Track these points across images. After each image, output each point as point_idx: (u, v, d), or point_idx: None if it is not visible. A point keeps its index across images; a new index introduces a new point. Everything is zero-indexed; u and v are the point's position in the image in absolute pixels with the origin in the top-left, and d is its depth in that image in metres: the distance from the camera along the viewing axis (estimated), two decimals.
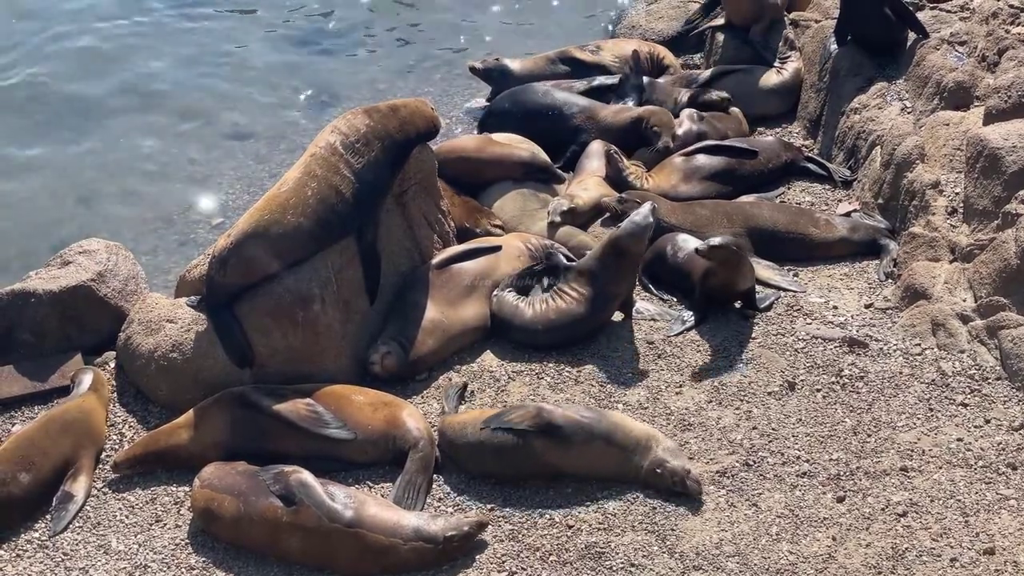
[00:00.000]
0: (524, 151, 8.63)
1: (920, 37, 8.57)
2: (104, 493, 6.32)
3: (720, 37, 10.09)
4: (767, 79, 9.53)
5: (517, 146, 8.68)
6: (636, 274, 7.31)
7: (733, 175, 8.51)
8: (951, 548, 5.51)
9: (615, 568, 5.57)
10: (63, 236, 8.85)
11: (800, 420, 6.38)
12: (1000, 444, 6.07)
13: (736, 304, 7.25)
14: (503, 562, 5.66)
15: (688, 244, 7.37)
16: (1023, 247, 6.59)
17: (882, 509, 5.76)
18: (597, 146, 8.69)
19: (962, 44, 8.34)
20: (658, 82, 9.60)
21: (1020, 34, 8.01)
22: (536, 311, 7.04)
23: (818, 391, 6.57)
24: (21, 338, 7.06)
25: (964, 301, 6.87)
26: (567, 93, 9.28)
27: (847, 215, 8.06)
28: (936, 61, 8.28)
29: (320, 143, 6.95)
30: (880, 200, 8.03)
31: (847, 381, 6.62)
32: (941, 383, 6.53)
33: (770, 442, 6.24)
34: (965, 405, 6.36)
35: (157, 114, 10.77)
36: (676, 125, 8.90)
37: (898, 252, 7.57)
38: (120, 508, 6.21)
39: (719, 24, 10.22)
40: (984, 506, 5.72)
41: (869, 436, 6.23)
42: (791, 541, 5.64)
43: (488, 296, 7.23)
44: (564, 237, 7.84)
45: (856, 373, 6.67)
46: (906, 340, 6.88)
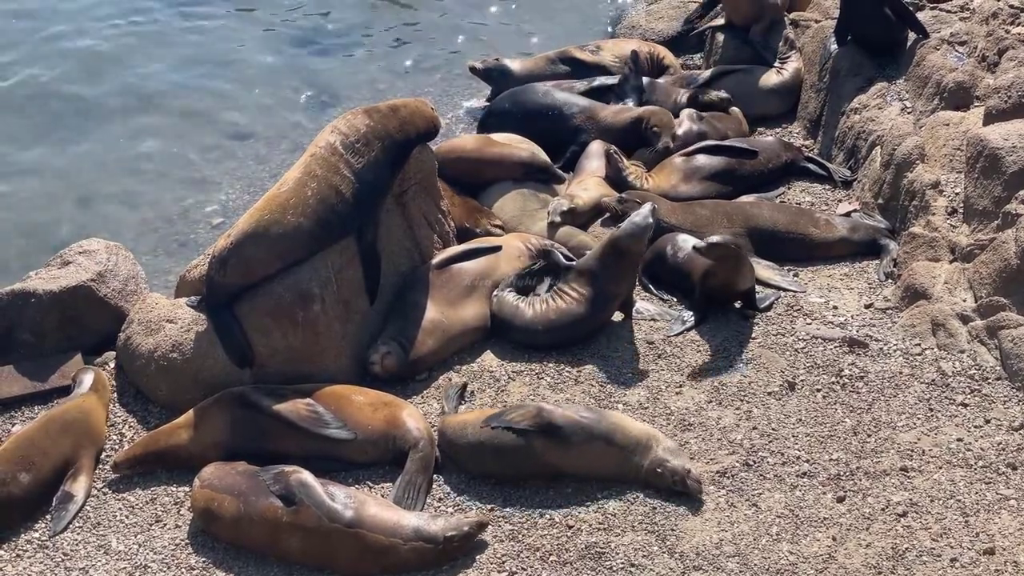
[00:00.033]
0: (524, 151, 8.62)
1: (920, 37, 8.57)
2: (104, 493, 6.31)
3: (720, 37, 10.08)
4: (767, 79, 9.52)
5: (517, 146, 8.67)
6: (636, 274, 7.31)
7: (733, 175, 8.51)
8: (951, 548, 5.51)
9: (615, 568, 5.57)
10: (63, 236, 8.85)
11: (800, 420, 6.37)
12: (1000, 444, 6.07)
13: (736, 304, 7.25)
14: (503, 562, 5.66)
15: (688, 244, 7.36)
16: (1023, 247, 6.59)
17: (882, 509, 5.76)
18: (597, 146, 8.68)
19: (962, 44, 8.33)
20: (658, 82, 9.59)
21: (1020, 34, 8.01)
22: (536, 311, 7.04)
23: (818, 391, 6.57)
24: (21, 338, 7.06)
25: (964, 301, 6.87)
26: (567, 93, 9.26)
27: (847, 215, 8.06)
28: (936, 61, 8.28)
29: (320, 143, 6.95)
30: (880, 200, 8.03)
31: (847, 381, 6.62)
32: (941, 383, 6.53)
33: (770, 442, 6.24)
34: (965, 405, 6.36)
35: (157, 114, 10.75)
36: (676, 125, 8.89)
37: (898, 252, 7.57)
38: (120, 508, 6.21)
39: (719, 24, 10.21)
40: (984, 506, 5.71)
41: (869, 436, 6.23)
42: (791, 541, 5.63)
43: (488, 296, 7.23)
44: (564, 237, 7.83)
45: (856, 373, 6.67)
46: (906, 340, 6.88)
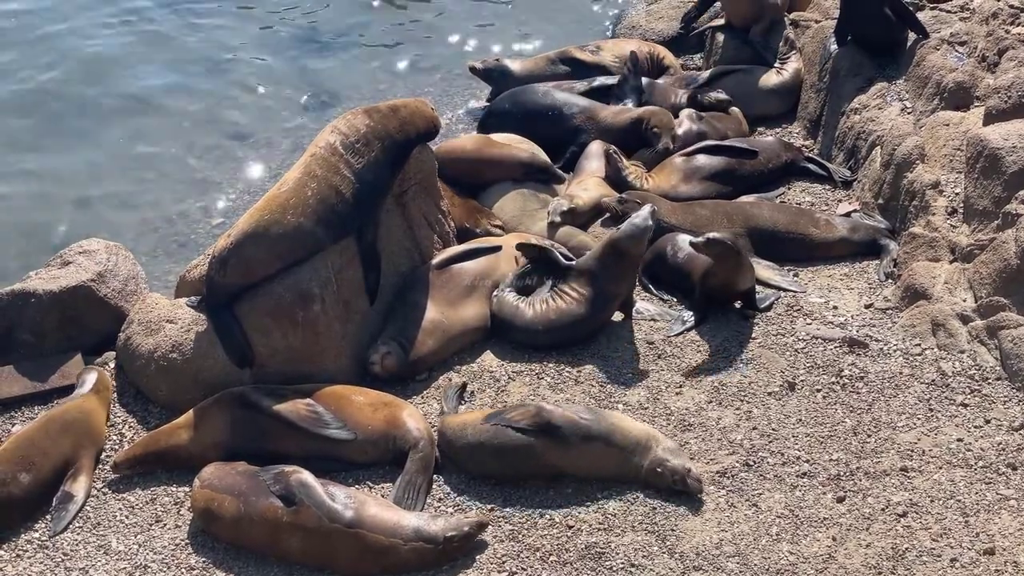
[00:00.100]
0: (524, 151, 8.62)
1: (920, 37, 8.57)
2: (104, 493, 6.31)
3: (720, 37, 10.08)
4: (767, 79, 9.52)
5: (517, 146, 8.67)
6: (636, 274, 7.31)
7: (733, 175, 8.51)
8: (951, 548, 5.51)
9: (615, 568, 5.57)
10: (63, 236, 8.85)
11: (800, 420, 6.37)
12: (1000, 444, 6.07)
13: (736, 304, 7.25)
14: (503, 562, 5.66)
15: (688, 244, 7.37)
16: (1023, 247, 6.59)
17: (882, 509, 5.76)
18: (596, 146, 8.68)
19: (962, 44, 8.33)
20: (658, 83, 9.59)
21: (1020, 34, 8.00)
22: (536, 311, 7.04)
23: (818, 391, 6.57)
24: (21, 338, 7.05)
25: (964, 301, 6.87)
26: (567, 94, 9.26)
27: (847, 215, 8.06)
28: (936, 61, 8.28)
29: (320, 143, 6.95)
30: (880, 200, 8.03)
31: (847, 381, 6.61)
32: (941, 383, 6.52)
33: (770, 442, 6.24)
34: (965, 405, 6.36)
35: (156, 115, 10.75)
36: (676, 125, 8.89)
37: (898, 252, 7.56)
38: (120, 508, 6.21)
39: (719, 24, 10.21)
40: (984, 506, 5.71)
41: (869, 436, 6.22)
42: (791, 541, 5.63)
43: (488, 296, 7.23)
44: (564, 237, 7.83)
45: (856, 373, 6.66)
46: (906, 340, 6.88)
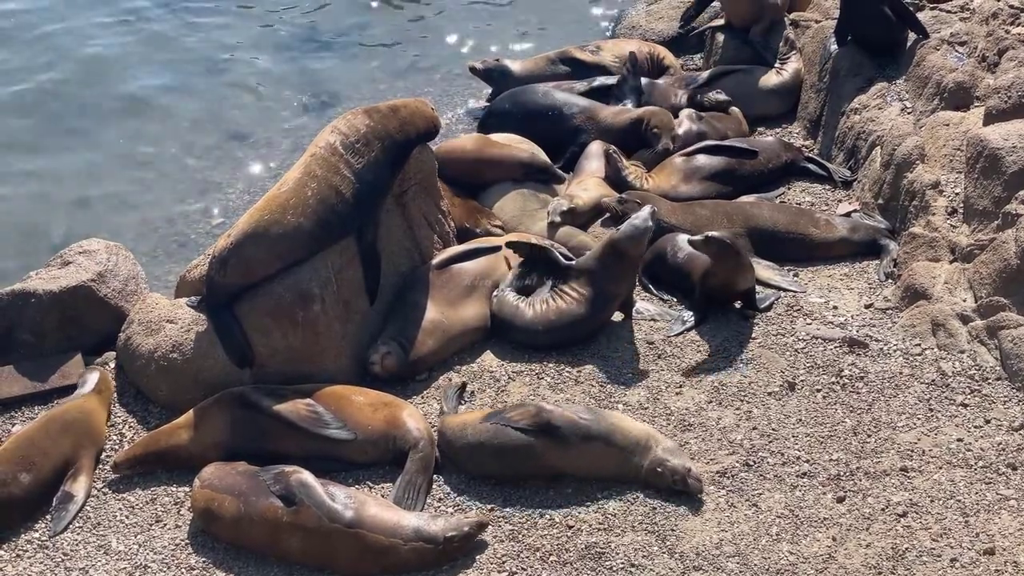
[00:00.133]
0: (524, 151, 8.62)
1: (920, 37, 8.57)
2: (104, 493, 6.31)
3: (720, 37, 10.08)
4: (767, 79, 9.52)
5: (517, 146, 8.67)
6: (636, 275, 7.31)
7: (733, 175, 8.51)
8: (951, 548, 5.51)
9: (615, 568, 5.57)
10: (63, 236, 8.84)
11: (800, 420, 6.37)
12: (1000, 444, 6.07)
13: (736, 304, 7.25)
14: (503, 562, 5.66)
15: (688, 245, 7.36)
16: (1023, 247, 6.59)
17: (882, 509, 5.76)
18: (596, 147, 8.68)
19: (962, 44, 8.33)
20: (657, 83, 9.59)
21: (1020, 34, 8.00)
22: (536, 311, 7.04)
23: (818, 391, 6.57)
24: (21, 338, 7.05)
25: (964, 301, 6.87)
26: (567, 94, 9.26)
27: (847, 215, 8.06)
28: (936, 61, 8.27)
29: (320, 143, 6.95)
30: (880, 200, 8.02)
31: (847, 381, 6.61)
32: (941, 383, 6.53)
33: (770, 442, 6.24)
34: (965, 405, 6.36)
35: (156, 115, 10.75)
36: (676, 126, 8.89)
37: (898, 252, 7.56)
38: (120, 508, 6.21)
39: (719, 24, 10.21)
40: (984, 506, 5.71)
41: (869, 436, 6.22)
42: (791, 541, 5.63)
43: (488, 296, 7.23)
44: (564, 237, 7.83)
45: (856, 373, 6.66)
46: (906, 340, 6.88)
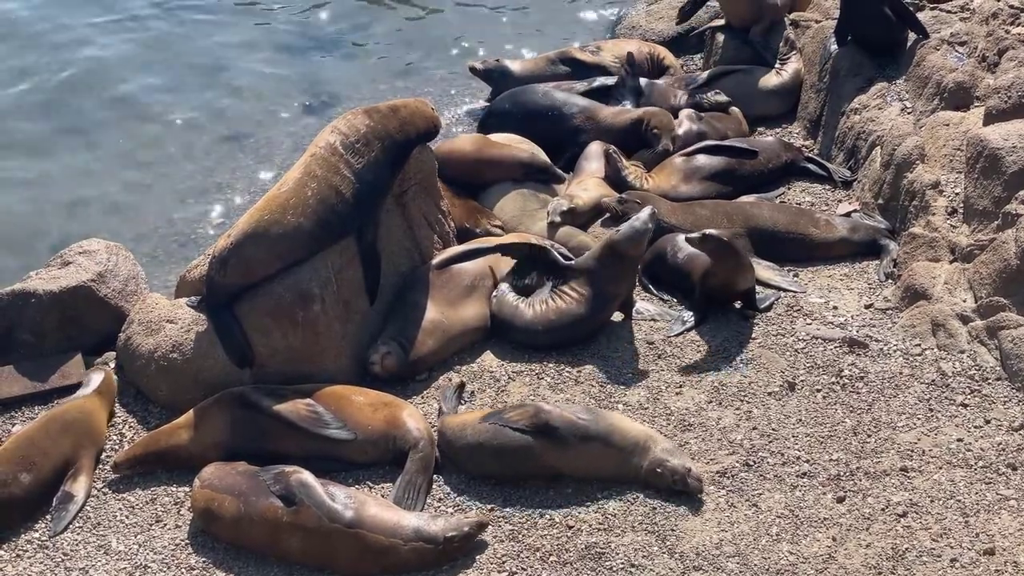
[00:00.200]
0: (523, 151, 8.62)
1: (920, 37, 8.57)
2: (104, 493, 6.31)
3: (720, 38, 10.08)
4: (767, 80, 9.53)
5: (516, 146, 8.67)
6: (636, 275, 7.31)
7: (733, 175, 8.51)
8: (951, 548, 5.51)
9: (615, 568, 5.57)
10: (63, 236, 8.84)
11: (800, 420, 6.37)
12: (1000, 444, 6.07)
13: (736, 304, 7.25)
14: (503, 562, 5.66)
15: (688, 245, 7.36)
16: (1023, 247, 6.59)
17: (882, 509, 5.76)
18: (596, 147, 8.67)
19: (962, 44, 8.33)
20: (657, 83, 9.59)
21: (1020, 34, 8.00)
22: (536, 312, 7.04)
23: (818, 391, 6.57)
24: (21, 338, 7.05)
25: (964, 301, 6.87)
26: (567, 94, 9.26)
27: (847, 215, 8.06)
28: (936, 61, 8.28)
29: (320, 143, 6.95)
30: (880, 200, 8.03)
31: (847, 381, 6.61)
32: (941, 383, 6.53)
33: (770, 442, 6.24)
34: (965, 405, 6.36)
35: (156, 115, 10.74)
36: (676, 126, 8.89)
37: (898, 252, 7.56)
38: (120, 508, 6.21)
39: (719, 24, 10.21)
40: (984, 506, 5.71)
41: (869, 436, 6.22)
42: (791, 541, 5.63)
43: (488, 296, 7.23)
44: (564, 237, 7.83)
45: (856, 373, 6.66)
46: (906, 340, 6.88)
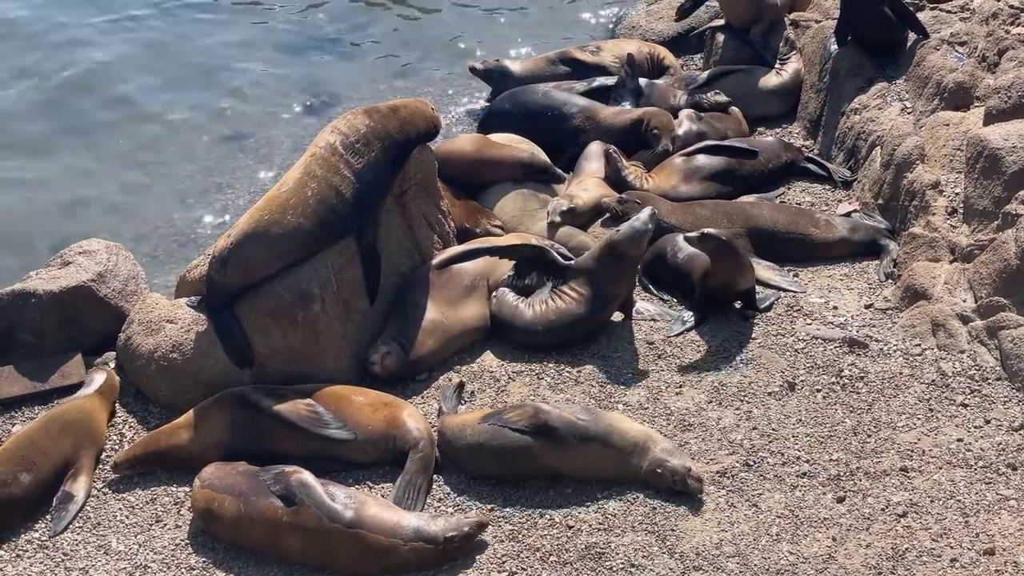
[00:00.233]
0: (523, 152, 8.61)
1: (920, 37, 8.57)
2: (104, 493, 6.31)
3: (720, 38, 10.08)
4: (767, 80, 9.52)
5: (516, 147, 8.67)
6: (636, 275, 7.32)
7: (733, 175, 8.51)
8: (951, 548, 5.51)
9: (615, 568, 5.57)
10: (63, 236, 8.83)
11: (800, 420, 6.37)
12: (1000, 444, 6.07)
13: (736, 304, 7.25)
14: (503, 562, 5.66)
15: (688, 244, 7.36)
16: (1023, 247, 6.59)
17: (882, 509, 5.76)
18: (596, 147, 8.67)
19: (962, 44, 8.33)
20: (657, 83, 9.59)
21: (1020, 34, 8.00)
22: (536, 312, 7.04)
23: (818, 391, 6.57)
24: (21, 338, 7.05)
25: (964, 301, 6.87)
26: (567, 94, 9.26)
27: (847, 215, 8.06)
28: (936, 61, 8.28)
29: (320, 143, 6.95)
30: (880, 200, 8.03)
31: (847, 381, 6.61)
32: (941, 383, 6.53)
33: (770, 442, 6.24)
34: (965, 405, 6.36)
35: (156, 115, 10.75)
36: (676, 126, 8.89)
37: (898, 252, 7.57)
38: (120, 508, 6.21)
39: (719, 24, 10.21)
40: (984, 506, 5.71)
41: (869, 436, 6.23)
42: (791, 541, 5.63)
43: (488, 296, 7.23)
44: (564, 237, 7.83)
45: (856, 373, 6.67)
46: (906, 340, 6.88)
